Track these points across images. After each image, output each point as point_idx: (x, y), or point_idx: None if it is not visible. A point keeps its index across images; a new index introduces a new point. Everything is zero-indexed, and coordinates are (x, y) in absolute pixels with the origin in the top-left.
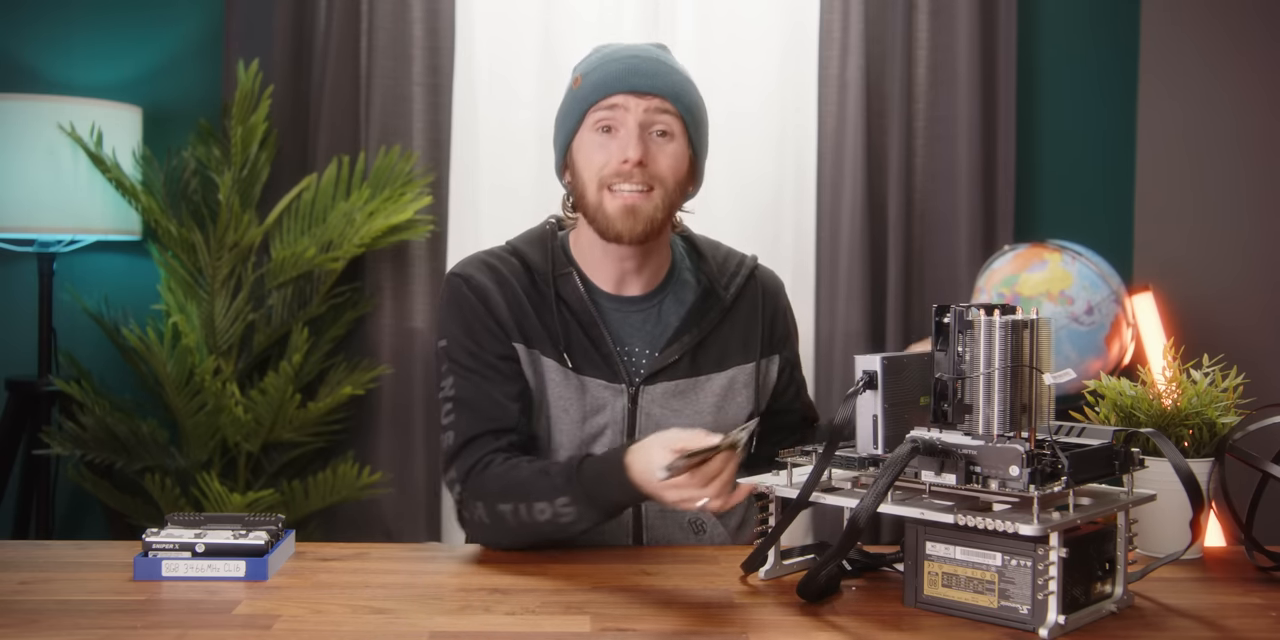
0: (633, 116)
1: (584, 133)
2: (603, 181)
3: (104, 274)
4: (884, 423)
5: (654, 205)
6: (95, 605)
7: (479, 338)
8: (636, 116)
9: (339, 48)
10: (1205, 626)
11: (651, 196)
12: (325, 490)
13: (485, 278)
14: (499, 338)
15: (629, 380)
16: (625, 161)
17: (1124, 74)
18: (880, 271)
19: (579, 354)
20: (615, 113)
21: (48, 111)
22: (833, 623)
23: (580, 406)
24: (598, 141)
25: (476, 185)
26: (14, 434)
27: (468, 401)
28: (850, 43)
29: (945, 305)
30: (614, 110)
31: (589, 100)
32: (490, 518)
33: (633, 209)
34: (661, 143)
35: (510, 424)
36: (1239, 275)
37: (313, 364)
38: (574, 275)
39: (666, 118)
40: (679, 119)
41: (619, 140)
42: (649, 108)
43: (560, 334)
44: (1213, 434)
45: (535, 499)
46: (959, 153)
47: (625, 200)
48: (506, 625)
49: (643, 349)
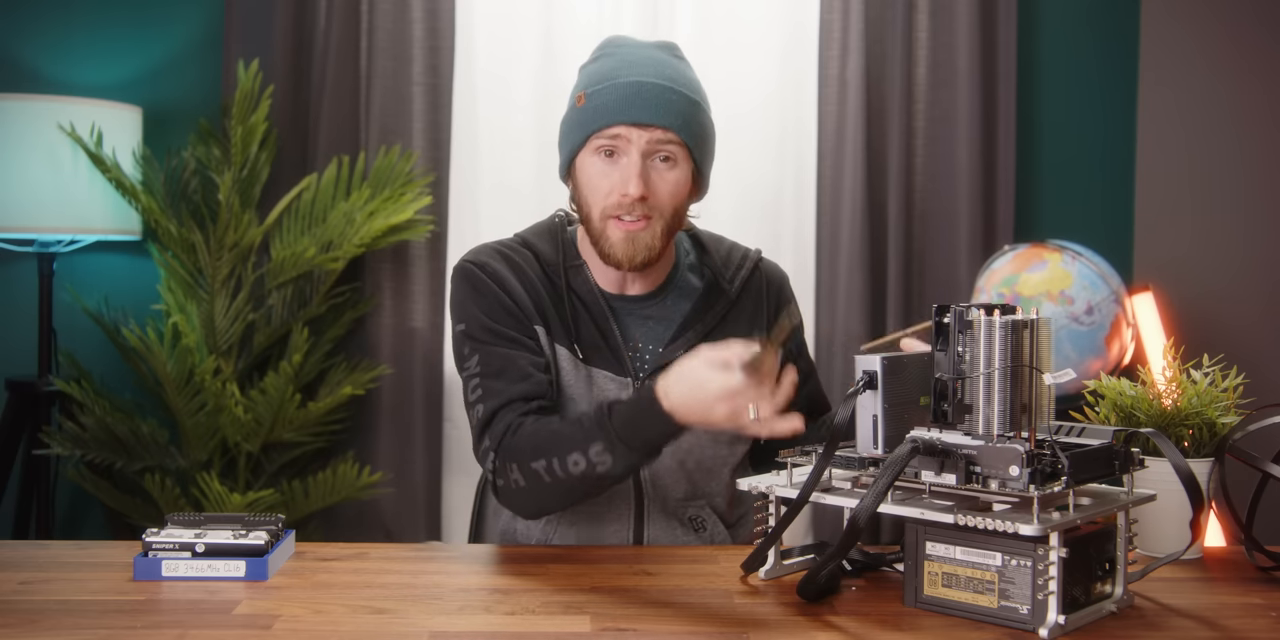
0: (635, 148)
1: (587, 153)
2: (605, 212)
3: (104, 274)
4: (884, 423)
5: (652, 234)
6: (95, 605)
7: (498, 317)
8: (639, 147)
9: (339, 48)
10: (1205, 626)
11: (651, 226)
12: (325, 490)
13: (500, 264)
14: (519, 319)
15: (635, 374)
16: (625, 195)
17: (1124, 74)
18: (880, 271)
19: (589, 346)
20: (618, 142)
21: (48, 111)
22: (833, 623)
23: (588, 398)
24: (600, 167)
25: (476, 185)
26: (14, 434)
27: (495, 372)
28: (850, 43)
29: (945, 305)
30: (616, 140)
31: (591, 126)
32: (527, 479)
33: (633, 238)
34: (663, 169)
35: (540, 391)
36: (1239, 275)
37: (313, 364)
38: (585, 268)
39: (670, 147)
40: (683, 146)
41: (621, 170)
42: (652, 139)
43: (571, 324)
44: (1213, 434)
45: (569, 451)
46: (959, 153)
47: (627, 228)
48: (506, 625)
49: (648, 344)
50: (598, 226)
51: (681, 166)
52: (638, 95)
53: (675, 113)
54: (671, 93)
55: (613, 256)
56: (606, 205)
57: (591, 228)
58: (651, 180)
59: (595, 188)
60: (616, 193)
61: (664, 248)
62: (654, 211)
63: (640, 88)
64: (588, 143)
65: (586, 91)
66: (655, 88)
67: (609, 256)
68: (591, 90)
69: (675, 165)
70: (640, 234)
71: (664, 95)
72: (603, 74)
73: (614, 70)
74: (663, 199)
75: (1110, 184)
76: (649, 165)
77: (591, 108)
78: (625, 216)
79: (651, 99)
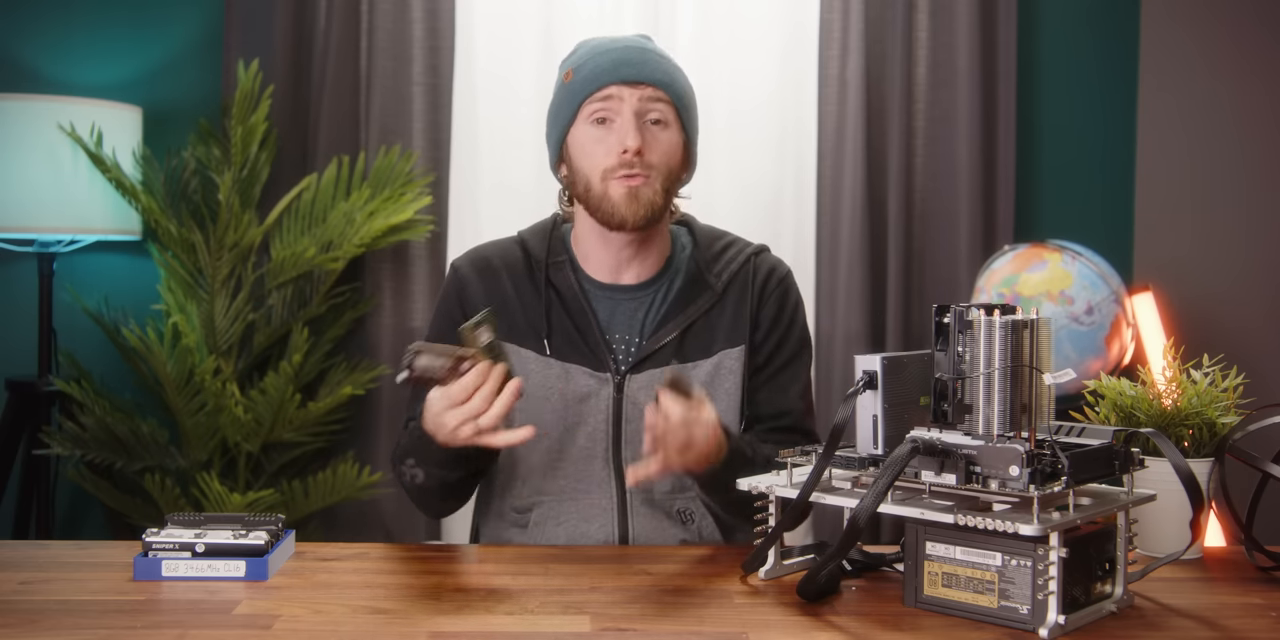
0: (628, 106)
1: (579, 126)
2: (605, 173)
3: (104, 274)
4: (884, 423)
5: (653, 190)
6: (95, 605)
7: (443, 330)
8: (631, 106)
9: (339, 48)
10: (1205, 626)
11: (650, 181)
12: (325, 490)
13: (470, 269)
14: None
15: (615, 369)
16: (625, 151)
17: (1124, 74)
18: (880, 271)
19: (565, 342)
20: (610, 103)
21: (48, 111)
22: (833, 623)
23: (562, 394)
24: (594, 135)
25: (476, 185)
26: (14, 434)
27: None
28: (850, 43)
29: (945, 305)
30: (609, 101)
31: (583, 93)
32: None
33: (635, 193)
34: (656, 131)
35: None
36: (1239, 275)
37: (313, 364)
38: (567, 264)
39: (660, 106)
40: (672, 106)
41: (616, 131)
42: (643, 97)
43: (544, 322)
44: (1213, 434)
45: (402, 462)
46: (959, 153)
47: (629, 184)
48: (506, 625)
49: (633, 337)
50: (599, 190)
51: (673, 129)
52: (624, 58)
53: (662, 71)
54: (656, 56)
55: (616, 215)
56: (606, 166)
57: (592, 195)
58: (647, 139)
59: (591, 154)
60: (615, 152)
61: (664, 208)
62: (651, 170)
63: (626, 51)
64: (580, 112)
65: (573, 67)
66: (640, 51)
67: (612, 217)
68: (578, 65)
69: (667, 127)
70: (642, 189)
71: (649, 58)
72: (586, 52)
73: (597, 46)
74: (658, 157)
75: (1110, 184)
76: (642, 126)
77: (580, 78)
78: (626, 172)
79: (638, 60)
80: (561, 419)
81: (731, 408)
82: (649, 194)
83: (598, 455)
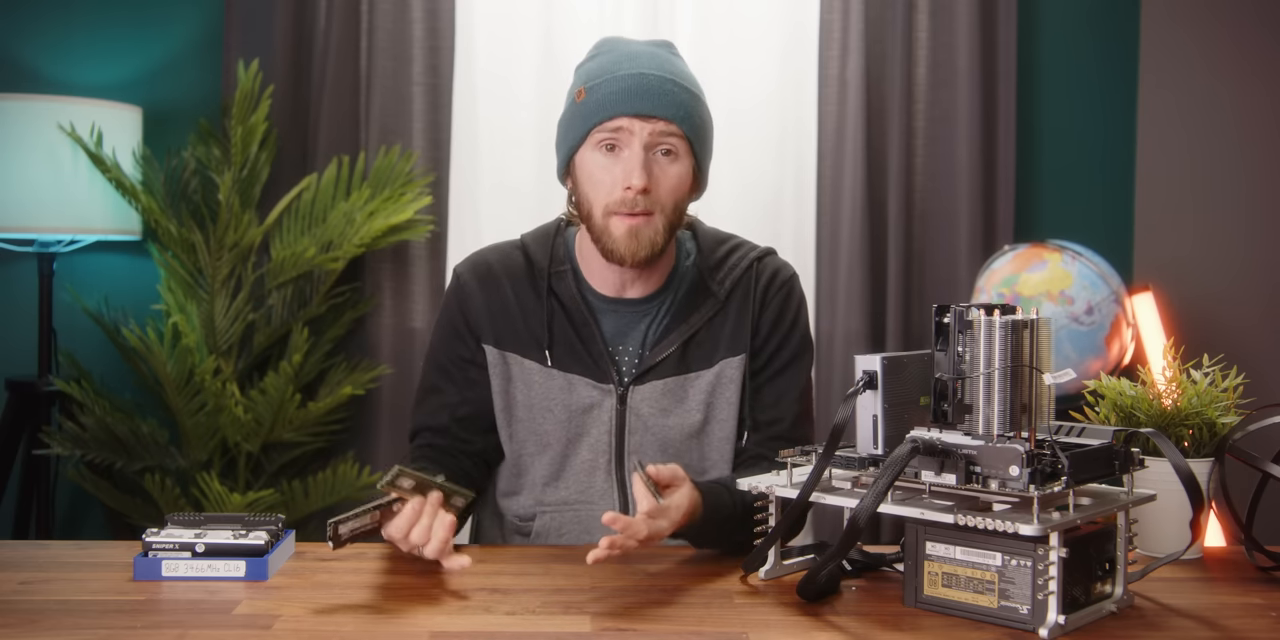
0: (638, 140)
1: (587, 149)
2: (608, 208)
3: (104, 274)
4: (884, 423)
5: (654, 230)
6: (95, 605)
7: (447, 339)
8: (641, 139)
9: (339, 48)
10: (1205, 626)
11: (653, 221)
12: (325, 490)
13: (471, 276)
14: (465, 341)
15: (618, 380)
16: (629, 188)
17: (1124, 74)
18: (880, 271)
19: (567, 353)
20: (620, 135)
21: (48, 111)
22: (833, 623)
23: (566, 405)
24: (602, 162)
25: (476, 185)
26: (14, 434)
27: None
28: (850, 43)
29: (945, 305)
30: (619, 133)
31: (593, 119)
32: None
33: (636, 232)
34: (665, 163)
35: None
36: (1239, 275)
37: (313, 364)
38: (569, 274)
39: (672, 139)
40: (684, 139)
41: (623, 163)
42: (654, 131)
43: (546, 333)
44: (1213, 434)
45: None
46: (959, 153)
47: (630, 223)
48: (506, 625)
49: (636, 348)
50: (600, 223)
51: (683, 160)
52: (639, 87)
53: (677, 105)
54: (673, 85)
55: (616, 252)
56: (610, 201)
57: (594, 225)
58: (654, 173)
59: (597, 183)
60: (619, 186)
61: (666, 244)
62: (656, 206)
63: (642, 79)
64: (589, 137)
65: (586, 86)
66: (657, 79)
67: (612, 253)
68: (591, 85)
69: (677, 159)
70: (643, 228)
71: (665, 87)
72: (602, 69)
73: (613, 64)
74: (665, 192)
75: (1110, 184)
76: (651, 158)
77: (593, 101)
78: (629, 210)
79: (653, 91)
80: (564, 431)
81: (731, 417)
82: (650, 233)
83: (600, 467)
